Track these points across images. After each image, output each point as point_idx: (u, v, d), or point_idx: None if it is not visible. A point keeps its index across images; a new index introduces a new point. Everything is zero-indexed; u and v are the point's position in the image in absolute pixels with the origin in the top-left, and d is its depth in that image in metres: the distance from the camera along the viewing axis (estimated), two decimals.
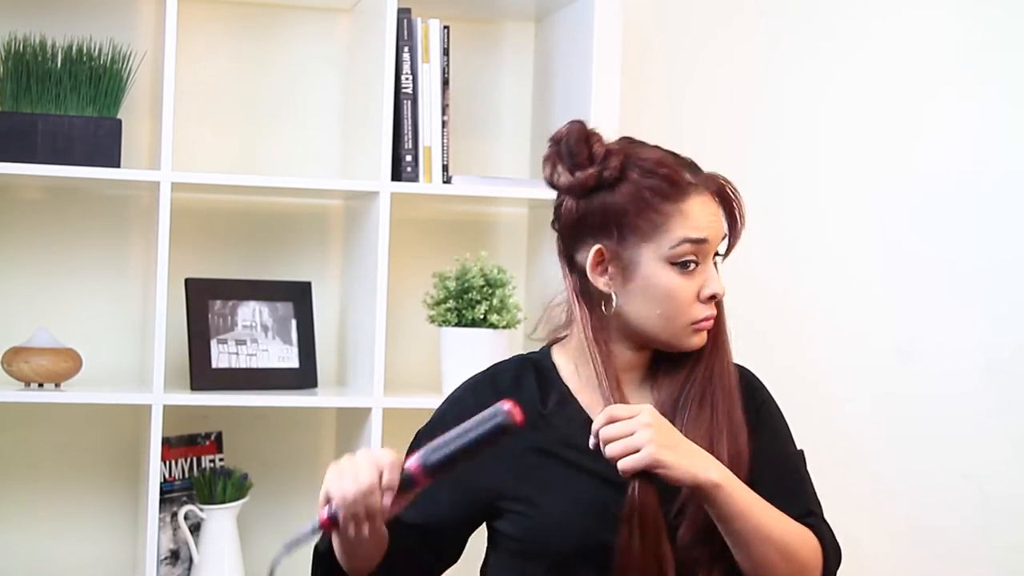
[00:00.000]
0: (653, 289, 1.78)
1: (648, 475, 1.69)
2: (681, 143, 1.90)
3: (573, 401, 1.85)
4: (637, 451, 1.67)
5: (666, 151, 1.84)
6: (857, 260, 3.27)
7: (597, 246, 1.80)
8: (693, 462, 1.70)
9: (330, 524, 1.63)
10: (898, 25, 3.29)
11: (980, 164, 3.31)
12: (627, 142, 1.84)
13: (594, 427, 1.70)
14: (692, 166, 1.84)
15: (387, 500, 1.62)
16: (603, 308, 1.81)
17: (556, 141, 1.82)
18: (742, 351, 1.94)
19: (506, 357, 1.98)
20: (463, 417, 1.73)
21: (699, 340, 1.82)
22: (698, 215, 1.79)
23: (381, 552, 1.76)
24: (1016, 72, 3.32)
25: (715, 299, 1.81)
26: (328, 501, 1.63)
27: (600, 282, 1.81)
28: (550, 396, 1.85)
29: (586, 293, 1.83)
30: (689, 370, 1.84)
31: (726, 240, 1.85)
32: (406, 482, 1.63)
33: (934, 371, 3.29)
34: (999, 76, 3.32)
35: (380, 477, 1.61)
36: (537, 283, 3.00)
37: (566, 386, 1.86)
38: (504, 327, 2.78)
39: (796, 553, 1.76)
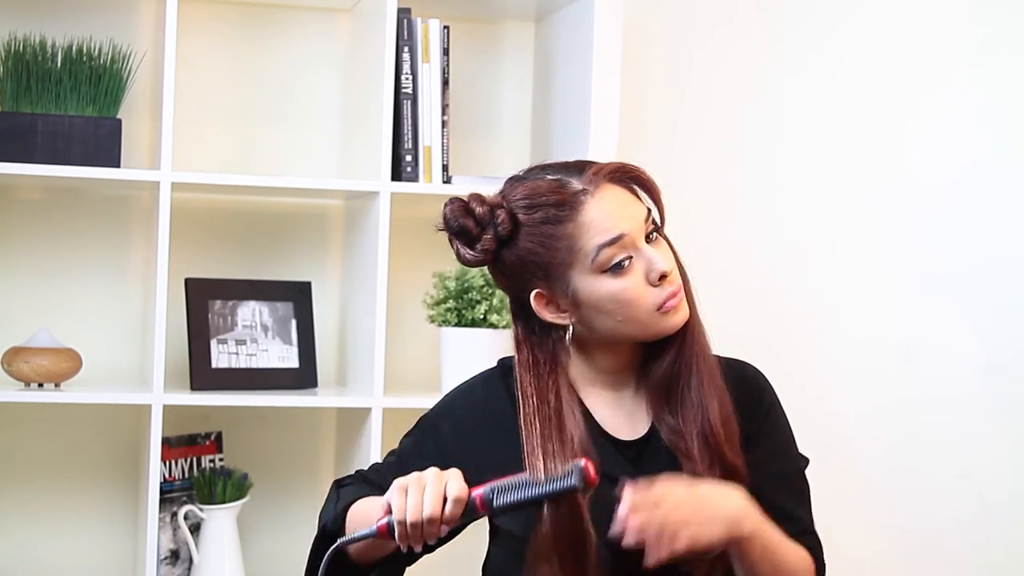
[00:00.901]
0: (602, 303, 1.76)
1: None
2: (680, 143, 1.90)
3: (577, 398, 1.85)
4: (674, 537, 1.64)
5: (551, 173, 1.80)
6: (857, 261, 3.27)
7: (534, 291, 1.79)
8: (723, 524, 1.67)
9: (387, 533, 1.66)
10: (898, 25, 3.29)
11: (981, 165, 3.31)
12: (508, 185, 1.82)
13: (619, 518, 1.65)
14: (580, 168, 1.80)
15: (443, 531, 1.64)
16: (563, 338, 1.81)
17: (445, 225, 1.81)
18: (742, 353, 1.94)
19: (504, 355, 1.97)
20: (474, 408, 1.76)
21: (675, 319, 1.78)
22: (599, 217, 1.75)
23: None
24: (1017, 72, 3.32)
25: (666, 276, 1.77)
26: (389, 510, 1.65)
27: (557, 318, 1.80)
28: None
29: (543, 333, 1.82)
30: (674, 348, 1.82)
31: (651, 212, 1.80)
32: (466, 511, 1.64)
33: (934, 373, 3.28)
34: (999, 76, 3.32)
35: (443, 507, 1.62)
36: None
37: (571, 384, 1.85)
38: (504, 327, 2.78)
39: (794, 574, 1.77)
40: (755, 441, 1.83)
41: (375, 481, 1.89)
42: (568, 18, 2.92)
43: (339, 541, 1.71)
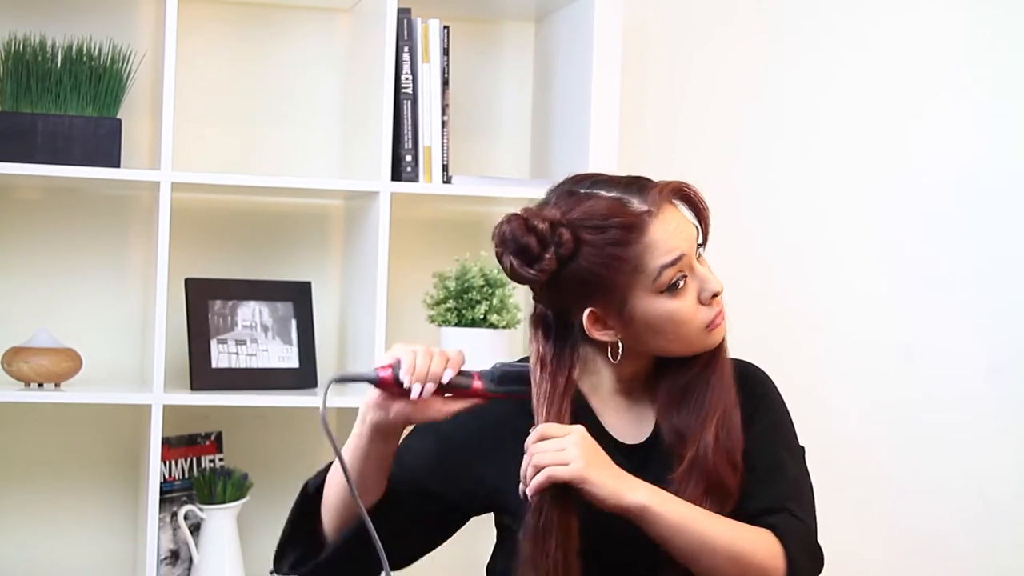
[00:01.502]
0: (656, 322, 1.78)
1: (565, 496, 1.70)
2: (680, 143, 1.90)
3: (584, 404, 1.85)
4: (565, 464, 1.68)
5: (607, 190, 1.79)
6: (857, 261, 3.27)
7: (588, 310, 1.78)
8: (619, 484, 1.70)
9: (392, 382, 1.71)
10: (898, 25, 3.29)
11: (981, 165, 3.31)
12: (566, 199, 1.79)
13: (527, 443, 1.71)
14: (639, 187, 1.79)
15: (448, 376, 1.70)
16: (609, 356, 1.81)
17: (502, 242, 1.78)
18: (743, 354, 1.94)
19: (506, 357, 1.98)
20: (476, 412, 1.76)
21: (719, 336, 1.82)
22: (663, 239, 1.76)
23: (375, 497, 1.79)
24: (1016, 73, 3.32)
25: (717, 296, 1.80)
26: (392, 366, 1.71)
27: (604, 336, 1.80)
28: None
29: (562, 347, 1.81)
30: (702, 359, 1.83)
31: (700, 233, 1.82)
32: (463, 383, 1.73)
33: (936, 373, 3.28)
34: (999, 77, 3.32)
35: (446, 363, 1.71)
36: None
37: (578, 389, 1.85)
38: (504, 327, 2.78)
39: (750, 558, 1.74)
40: (745, 427, 1.83)
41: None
42: (568, 18, 2.92)
43: (334, 376, 1.78)
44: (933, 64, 3.30)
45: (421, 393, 1.70)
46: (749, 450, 1.82)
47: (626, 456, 1.81)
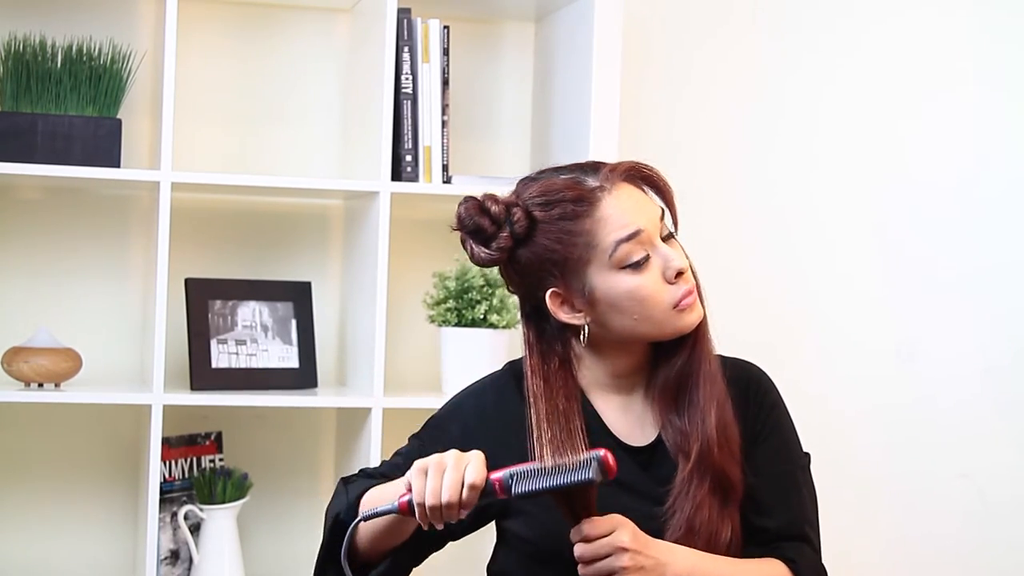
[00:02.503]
0: (619, 300, 1.77)
1: None
2: (680, 143, 1.90)
3: (587, 403, 1.84)
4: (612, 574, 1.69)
5: (563, 172, 1.81)
6: (856, 261, 3.27)
7: (550, 291, 1.79)
8: (666, 568, 1.71)
9: (408, 510, 1.68)
10: (897, 25, 3.29)
11: (980, 165, 3.31)
12: (521, 185, 1.82)
13: (574, 539, 1.70)
14: (594, 167, 1.80)
15: (463, 515, 1.65)
16: (580, 338, 1.80)
17: (460, 224, 1.79)
18: (740, 353, 1.94)
19: (505, 357, 1.97)
20: (483, 411, 1.76)
21: (691, 318, 1.79)
22: (616, 214, 1.76)
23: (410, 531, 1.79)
24: (1016, 73, 3.32)
25: (682, 274, 1.78)
26: (411, 488, 1.67)
27: (572, 318, 1.80)
28: None
29: (556, 335, 1.82)
30: (684, 351, 1.83)
31: (664, 213, 1.81)
32: (484, 495, 1.66)
33: (934, 373, 3.28)
34: (998, 77, 3.32)
35: (461, 493, 1.64)
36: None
37: (580, 386, 1.85)
38: (504, 327, 2.78)
39: None
40: (756, 442, 1.83)
41: (382, 477, 1.88)
42: (568, 18, 2.92)
43: (362, 515, 1.71)
44: (932, 64, 3.30)
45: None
46: (760, 464, 1.82)
47: (631, 457, 1.81)
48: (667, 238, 1.79)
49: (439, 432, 1.88)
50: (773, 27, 3.25)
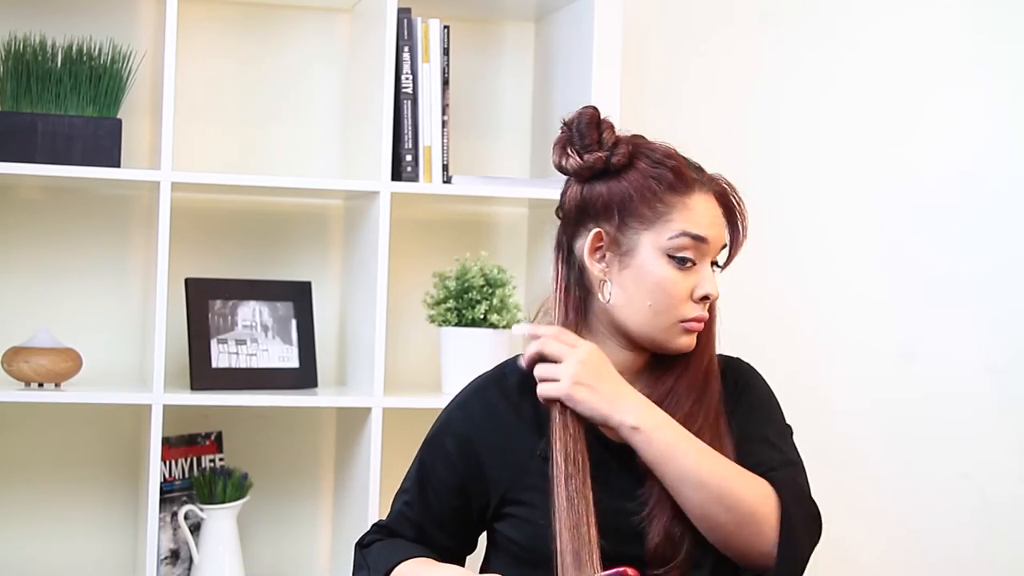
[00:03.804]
0: (647, 279, 1.78)
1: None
2: (680, 143, 1.90)
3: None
4: (556, 380, 1.75)
5: (675, 150, 1.86)
6: (857, 261, 3.27)
7: (596, 229, 1.81)
8: (613, 404, 1.74)
9: None
10: (898, 25, 3.29)
11: (981, 165, 3.31)
12: (638, 136, 1.86)
13: (533, 344, 1.77)
14: (699, 168, 1.86)
15: None
16: (598, 296, 1.81)
17: (568, 125, 1.84)
18: (741, 354, 1.94)
19: (505, 357, 1.97)
20: (472, 420, 1.77)
21: (687, 341, 1.81)
22: (701, 212, 1.80)
23: None
24: (1016, 72, 3.32)
25: (707, 301, 1.80)
26: None
27: (596, 267, 1.81)
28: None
29: (577, 284, 1.83)
30: (677, 372, 1.83)
31: (726, 250, 1.85)
32: None
33: (935, 373, 3.28)
34: (999, 77, 3.32)
35: None
36: (537, 283, 3.00)
37: None
38: (504, 327, 2.78)
39: (740, 501, 1.73)
40: (734, 414, 1.83)
41: (398, 531, 1.88)
42: (568, 18, 2.92)
43: None
44: (932, 64, 3.30)
45: None
46: (734, 429, 1.82)
47: (611, 453, 1.81)
48: (713, 264, 1.83)
49: (437, 448, 1.88)
50: (773, 27, 3.25)
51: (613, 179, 1.80)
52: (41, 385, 2.70)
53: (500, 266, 2.83)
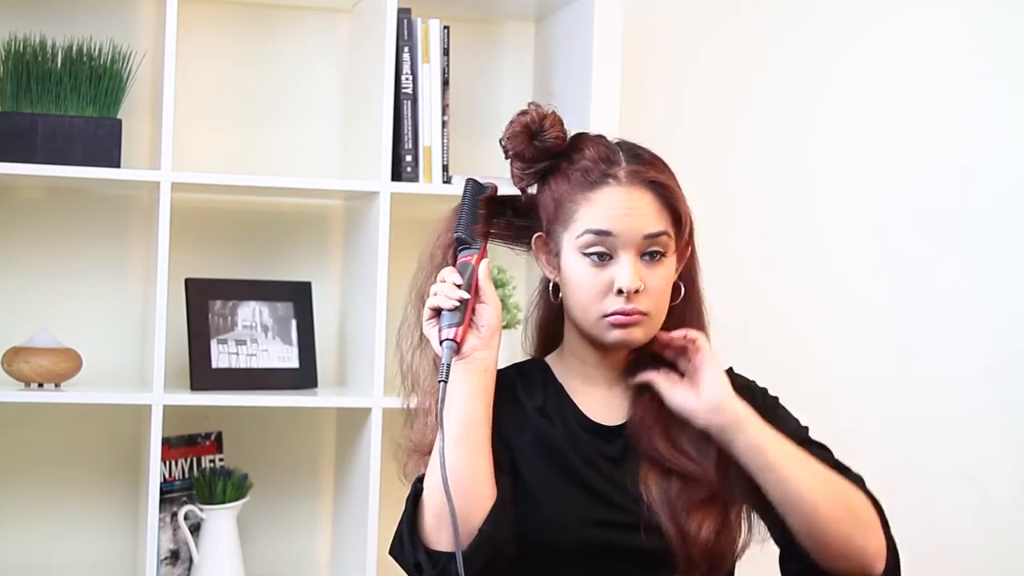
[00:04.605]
0: (569, 278, 1.81)
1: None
2: (680, 143, 1.90)
3: (570, 403, 1.86)
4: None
5: (607, 141, 1.84)
6: (857, 261, 3.27)
7: (538, 234, 1.85)
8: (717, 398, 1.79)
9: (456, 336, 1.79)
10: (897, 25, 3.29)
11: (980, 165, 3.31)
12: (591, 133, 1.89)
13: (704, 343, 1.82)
14: (629, 156, 1.82)
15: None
16: (553, 297, 1.85)
17: (521, 113, 1.93)
18: (740, 353, 1.94)
19: (506, 357, 1.98)
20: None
21: (617, 335, 1.79)
22: (605, 207, 1.78)
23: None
24: (1016, 74, 3.32)
25: (625, 294, 1.77)
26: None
27: (545, 270, 1.86)
28: (550, 397, 1.86)
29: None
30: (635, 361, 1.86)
31: (667, 238, 1.80)
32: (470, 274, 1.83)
33: (934, 373, 3.28)
34: (998, 78, 3.32)
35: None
36: (537, 283, 2.99)
37: (563, 389, 1.86)
38: (504, 327, 2.78)
39: (855, 503, 1.92)
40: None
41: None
42: (568, 18, 2.92)
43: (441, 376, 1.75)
44: (932, 65, 3.30)
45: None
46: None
47: (594, 434, 1.82)
48: (653, 256, 1.79)
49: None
50: (773, 27, 3.25)
51: (545, 183, 1.84)
52: (41, 385, 2.70)
53: (500, 266, 2.82)
